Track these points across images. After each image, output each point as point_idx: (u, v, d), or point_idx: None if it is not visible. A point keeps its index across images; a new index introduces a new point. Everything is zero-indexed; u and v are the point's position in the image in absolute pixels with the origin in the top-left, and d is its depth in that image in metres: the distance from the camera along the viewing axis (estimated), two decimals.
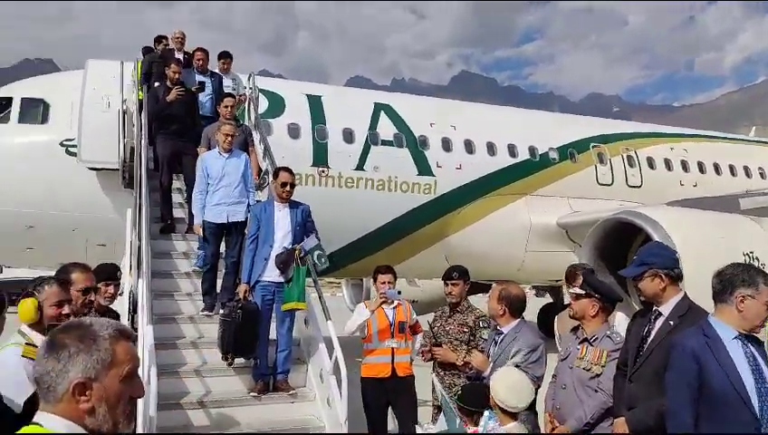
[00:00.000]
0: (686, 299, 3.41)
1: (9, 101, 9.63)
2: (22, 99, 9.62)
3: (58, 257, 10.02)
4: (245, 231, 6.07)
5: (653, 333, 3.38)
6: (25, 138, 9.41)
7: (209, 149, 6.77)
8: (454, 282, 5.02)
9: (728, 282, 2.91)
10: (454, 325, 4.92)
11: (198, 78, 8.65)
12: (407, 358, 5.21)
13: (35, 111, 9.57)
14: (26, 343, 2.90)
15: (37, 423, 1.52)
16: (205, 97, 8.51)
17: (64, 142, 9.28)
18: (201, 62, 8.83)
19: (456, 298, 5.01)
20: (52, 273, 3.59)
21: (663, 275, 3.38)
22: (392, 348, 5.14)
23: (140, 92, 8.64)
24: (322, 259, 5.78)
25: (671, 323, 3.32)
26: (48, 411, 1.53)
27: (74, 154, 9.07)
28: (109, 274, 4.30)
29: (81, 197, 9.28)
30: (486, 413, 3.55)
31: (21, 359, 2.80)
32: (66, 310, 3.11)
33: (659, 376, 3.04)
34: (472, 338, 4.85)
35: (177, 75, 7.97)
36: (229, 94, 7.81)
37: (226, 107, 7.24)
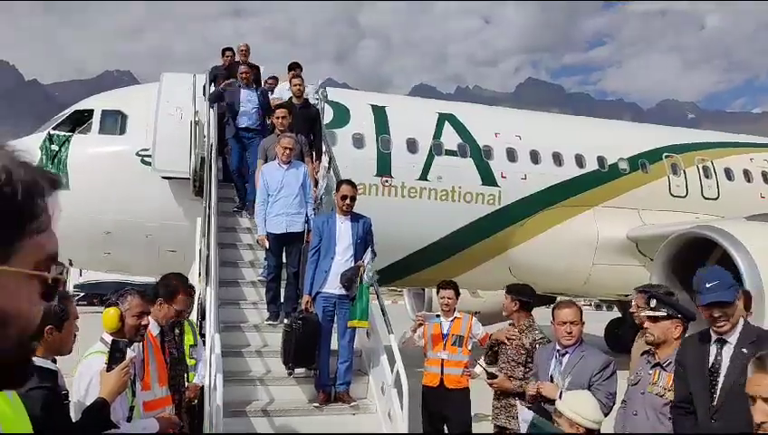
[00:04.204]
0: (749, 324, 3.15)
1: (91, 112, 10.16)
2: (102, 111, 10.13)
3: (132, 262, 10.49)
4: (305, 241, 6.15)
5: (724, 364, 3.06)
6: (104, 148, 9.87)
7: (266, 161, 6.85)
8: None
9: None
10: (512, 346, 4.87)
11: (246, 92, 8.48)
12: (457, 371, 5.21)
13: (114, 122, 10.04)
14: None
15: None
16: (251, 109, 8.41)
17: (140, 152, 9.68)
18: (298, 88, 8.09)
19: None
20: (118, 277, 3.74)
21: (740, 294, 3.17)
22: (441, 359, 5.23)
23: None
24: (371, 274, 5.77)
25: (744, 350, 3.00)
26: None
27: (149, 163, 9.44)
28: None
29: (154, 204, 9.64)
30: None
31: (104, 366, 2.90)
32: (146, 321, 3.22)
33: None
34: (529, 360, 4.75)
35: (299, 87, 7.89)
36: (280, 106, 7.71)
37: (278, 118, 7.19)
